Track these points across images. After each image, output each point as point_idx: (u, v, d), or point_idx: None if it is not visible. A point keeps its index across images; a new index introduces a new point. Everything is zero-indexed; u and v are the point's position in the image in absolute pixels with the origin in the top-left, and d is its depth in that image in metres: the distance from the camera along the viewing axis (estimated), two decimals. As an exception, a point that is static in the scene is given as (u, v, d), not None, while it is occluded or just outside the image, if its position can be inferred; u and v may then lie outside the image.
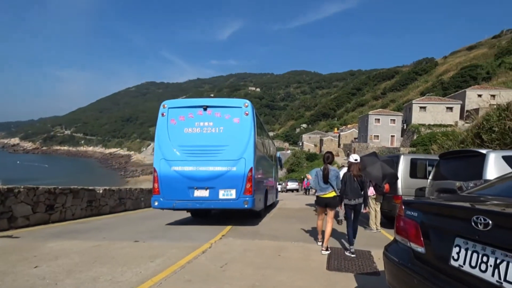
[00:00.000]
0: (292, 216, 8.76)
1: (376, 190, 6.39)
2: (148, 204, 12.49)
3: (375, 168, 6.26)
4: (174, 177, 6.27)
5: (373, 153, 6.81)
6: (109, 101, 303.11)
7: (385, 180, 6.21)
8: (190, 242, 5.04)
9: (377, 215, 6.48)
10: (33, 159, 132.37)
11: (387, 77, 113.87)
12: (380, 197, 6.52)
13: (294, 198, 18.44)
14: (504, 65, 58.27)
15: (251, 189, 6.25)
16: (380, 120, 47.31)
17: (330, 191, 4.69)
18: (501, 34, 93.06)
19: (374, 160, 6.44)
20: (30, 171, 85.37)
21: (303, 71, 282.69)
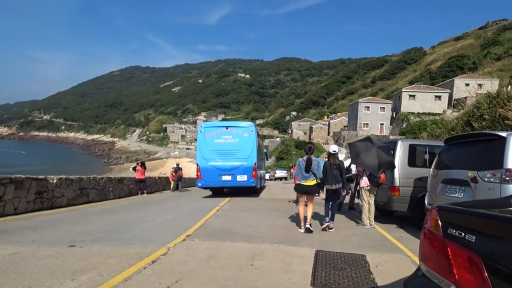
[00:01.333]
0: (276, 208, 7.86)
1: (370, 180, 5.53)
2: (118, 194, 11.39)
3: (370, 155, 5.37)
4: (210, 169, 10.27)
5: (367, 138, 5.90)
6: (91, 85, 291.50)
7: (381, 169, 5.34)
8: (141, 245, 4.04)
9: (371, 209, 5.65)
10: (8, 145, 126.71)
11: (377, 66, 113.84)
12: (375, 188, 5.67)
13: (282, 187, 17.61)
14: (490, 56, 59.30)
15: (256, 175, 10.54)
16: (370, 108, 46.93)
17: (311, 179, 5.12)
18: (487, 25, 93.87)
19: (368, 147, 5.54)
20: (5, 158, 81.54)
21: (294, 58, 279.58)
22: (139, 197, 12.12)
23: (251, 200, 9.87)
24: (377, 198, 5.89)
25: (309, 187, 5.10)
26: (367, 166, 5.39)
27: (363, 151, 5.51)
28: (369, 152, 5.41)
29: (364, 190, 5.65)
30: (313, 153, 5.21)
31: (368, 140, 5.77)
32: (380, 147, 5.53)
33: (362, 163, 5.46)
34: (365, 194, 5.65)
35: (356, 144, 5.79)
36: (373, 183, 5.52)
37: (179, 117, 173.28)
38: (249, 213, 7.00)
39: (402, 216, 6.71)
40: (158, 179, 16.28)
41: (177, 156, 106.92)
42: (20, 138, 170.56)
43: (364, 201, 5.65)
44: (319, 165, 5.19)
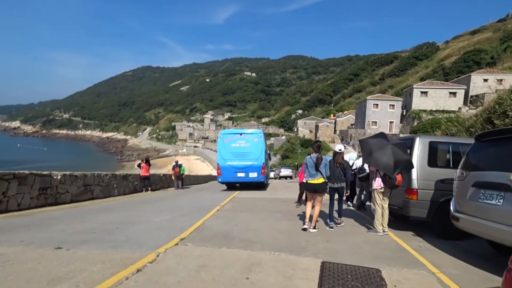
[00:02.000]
0: (278, 210, 7.35)
1: (384, 182, 4.95)
2: (123, 191, 11.07)
3: (385, 153, 4.80)
4: (228, 167, 12.24)
5: (381, 134, 5.31)
6: (106, 85, 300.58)
7: (398, 169, 4.76)
8: (130, 250, 3.61)
9: (385, 214, 5.08)
10: (33, 142, 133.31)
11: (386, 62, 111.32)
12: (389, 191, 5.09)
13: (286, 186, 17.05)
14: (510, 50, 55.66)
15: (264, 173, 12.65)
16: (378, 105, 45.72)
17: (319, 177, 5.06)
18: (507, 17, 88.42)
19: (382, 144, 4.97)
20: (29, 154, 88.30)
21: (300, 56, 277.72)
22: (143, 194, 11.78)
23: (253, 200, 9.39)
24: (391, 202, 5.31)
25: (318, 185, 5.05)
26: (381, 166, 4.83)
27: (376, 149, 4.95)
28: (383, 150, 4.85)
29: (377, 193, 5.08)
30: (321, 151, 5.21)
31: (382, 137, 5.19)
32: (396, 145, 4.95)
33: (376, 162, 4.89)
34: (378, 197, 5.08)
35: (368, 140, 5.22)
36: (387, 185, 4.95)
37: (187, 115, 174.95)
38: (250, 215, 6.51)
39: (419, 222, 6.13)
40: (163, 176, 15.96)
41: (185, 154, 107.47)
42: (43, 136, 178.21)
43: (377, 204, 5.08)
44: (326, 163, 5.17)
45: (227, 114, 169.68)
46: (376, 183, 5.04)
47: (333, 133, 56.55)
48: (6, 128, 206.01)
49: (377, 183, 5.04)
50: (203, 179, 28.96)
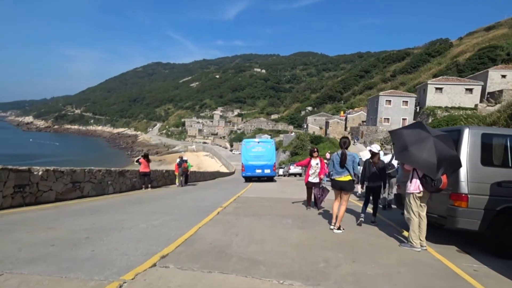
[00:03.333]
0: (288, 213, 6.38)
1: (424, 184, 3.91)
2: (119, 189, 10.31)
3: (424, 148, 3.76)
4: (249, 165, 16.55)
5: (419, 123, 4.24)
6: (117, 81, 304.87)
7: (442, 168, 3.71)
8: (85, 275, 2.69)
9: (422, 224, 4.05)
10: (45, 137, 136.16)
11: (397, 59, 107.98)
12: (428, 195, 4.06)
13: (296, 184, 16.03)
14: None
15: (275, 170, 18.09)
16: (391, 101, 43.88)
17: (346, 175, 4.85)
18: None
19: (421, 136, 3.92)
20: (41, 149, 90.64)
21: (310, 53, 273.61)
22: (142, 191, 11.01)
23: (259, 200, 8.45)
24: (430, 209, 4.27)
25: (344, 183, 4.87)
26: (420, 164, 3.80)
27: (413, 142, 3.90)
28: (423, 144, 3.81)
29: (413, 198, 4.05)
30: (347, 148, 4.96)
31: (420, 127, 4.10)
32: (439, 137, 3.88)
33: (413, 160, 3.86)
34: (414, 203, 4.04)
35: (402, 132, 4.16)
36: (428, 188, 3.90)
37: (197, 111, 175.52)
38: (254, 220, 5.57)
39: (461, 232, 5.04)
40: (166, 172, 15.17)
41: (194, 150, 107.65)
42: (55, 131, 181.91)
43: (413, 212, 4.05)
44: (354, 160, 4.89)
45: (237, 111, 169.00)
46: (413, 186, 4.01)
47: (344, 130, 54.94)
48: (20, 123, 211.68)
49: (414, 185, 4.00)
50: (210, 176, 28.21)
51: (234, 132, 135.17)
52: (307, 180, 6.98)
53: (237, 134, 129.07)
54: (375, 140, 39.92)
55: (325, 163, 7.40)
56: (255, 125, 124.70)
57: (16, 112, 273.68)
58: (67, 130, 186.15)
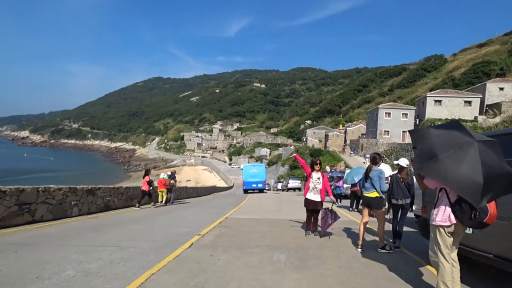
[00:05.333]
0: (282, 243, 5.03)
1: (458, 214, 2.64)
2: (87, 210, 8.89)
3: (464, 159, 2.49)
4: (248, 182, 25.87)
5: (455, 123, 2.89)
6: (117, 96, 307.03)
7: (490, 192, 2.45)
8: None
9: (456, 273, 2.72)
10: (40, 152, 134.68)
11: (394, 74, 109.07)
12: (463, 229, 2.76)
13: (294, 200, 14.63)
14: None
15: (265, 184, 28.19)
16: (391, 114, 43.01)
17: (372, 191, 4.66)
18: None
19: (460, 140, 2.60)
20: (34, 164, 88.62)
21: (309, 68, 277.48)
22: (115, 213, 9.62)
23: (250, 222, 7.10)
24: (479, 244, 2.96)
25: (370, 199, 4.70)
26: (456, 183, 2.49)
27: (446, 149, 2.57)
28: (461, 152, 2.52)
29: (440, 234, 2.74)
30: (376, 164, 4.76)
31: (457, 128, 2.77)
32: (487, 143, 2.64)
33: (444, 175, 2.51)
34: (442, 241, 2.73)
35: (430, 132, 2.78)
36: (465, 221, 2.62)
37: (196, 125, 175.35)
38: (236, 256, 4.23)
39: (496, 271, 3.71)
40: (152, 189, 13.69)
41: (192, 164, 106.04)
42: (50, 145, 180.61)
43: (442, 255, 2.73)
44: (380, 176, 4.59)
45: (236, 125, 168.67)
46: (441, 215, 2.72)
47: (343, 143, 53.81)
48: (15, 138, 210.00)
49: (442, 214, 2.72)
50: (204, 191, 26.62)
51: (233, 145, 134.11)
52: (306, 196, 5.66)
53: (236, 147, 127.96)
54: (377, 154, 38.68)
55: (328, 178, 6.22)
56: (255, 138, 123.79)
57: (12, 126, 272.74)
58: (63, 144, 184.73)
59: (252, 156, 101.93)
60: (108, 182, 44.35)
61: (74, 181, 46.47)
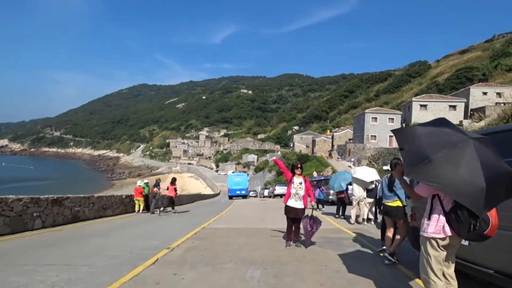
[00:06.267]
0: (258, 257, 4.49)
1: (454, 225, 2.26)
2: (52, 221, 8.03)
3: (461, 159, 2.12)
4: (233, 189, 29.87)
5: (442, 119, 2.50)
6: (101, 103, 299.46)
7: (494, 198, 2.08)
8: None
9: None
10: (19, 161, 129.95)
11: (380, 80, 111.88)
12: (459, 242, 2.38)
13: (280, 207, 14.10)
14: (501, 67, 57.33)
15: (248, 191, 32.36)
16: (377, 118, 43.62)
17: (394, 200, 4.46)
18: (493, 38, 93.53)
19: (453, 138, 2.22)
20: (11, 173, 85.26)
21: (296, 74, 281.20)
22: (89, 223, 8.80)
23: (227, 233, 6.54)
24: (478, 258, 2.56)
25: (391, 208, 4.45)
26: (456, 189, 2.11)
27: (439, 148, 2.18)
28: (456, 152, 2.14)
29: (432, 247, 2.34)
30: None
31: (445, 124, 2.42)
32: (481, 141, 2.27)
33: (441, 180, 2.10)
34: (434, 256, 2.33)
35: (416, 131, 2.41)
36: (462, 232, 2.21)
37: (182, 132, 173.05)
38: (204, 273, 3.68)
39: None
40: (126, 198, 12.85)
41: (178, 171, 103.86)
42: (31, 154, 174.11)
43: (433, 273, 2.32)
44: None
45: (223, 131, 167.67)
46: (433, 226, 2.32)
47: (331, 148, 54.13)
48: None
49: (434, 225, 2.32)
50: (187, 199, 25.67)
51: (220, 152, 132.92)
52: (287, 203, 5.14)
53: (223, 154, 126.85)
54: (363, 158, 38.98)
55: (312, 184, 5.77)
56: (242, 145, 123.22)
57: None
58: (44, 153, 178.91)
59: (239, 162, 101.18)
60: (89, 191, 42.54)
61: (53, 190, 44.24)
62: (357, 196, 8.19)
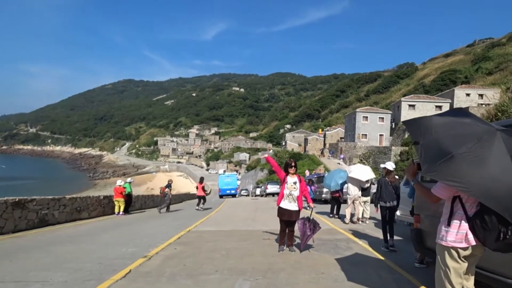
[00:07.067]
0: (248, 265, 4.04)
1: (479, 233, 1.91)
2: (13, 226, 7.28)
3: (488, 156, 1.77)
4: (223, 189, 30.29)
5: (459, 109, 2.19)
6: (82, 98, 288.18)
7: None
8: None
9: None
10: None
11: (370, 80, 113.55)
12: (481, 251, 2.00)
13: (272, 207, 13.68)
14: (481, 70, 60.14)
15: (237, 191, 32.37)
16: (368, 118, 43.95)
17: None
18: (474, 43, 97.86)
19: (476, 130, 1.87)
20: None
21: (288, 73, 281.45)
22: (58, 228, 8.14)
23: (216, 236, 6.08)
24: (497, 267, 2.21)
25: None
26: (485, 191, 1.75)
27: (460, 143, 1.82)
28: (484, 146, 1.79)
29: (452, 258, 1.98)
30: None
31: (467, 116, 2.02)
32: (507, 132, 1.90)
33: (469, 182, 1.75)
34: (454, 268, 1.96)
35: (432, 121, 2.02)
36: (490, 242, 1.84)
37: (171, 130, 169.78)
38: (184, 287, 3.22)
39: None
40: (104, 199, 11.94)
41: (167, 170, 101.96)
42: (2, 152, 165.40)
43: (450, 285, 1.96)
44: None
45: (214, 129, 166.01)
46: (454, 234, 1.96)
47: (323, 147, 54.23)
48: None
49: (456, 233, 1.95)
50: (176, 199, 24.96)
51: (211, 150, 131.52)
52: (280, 204, 4.71)
53: (214, 152, 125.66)
54: (354, 156, 39.12)
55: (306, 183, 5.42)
56: (233, 143, 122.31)
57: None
58: (18, 151, 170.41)
59: (231, 161, 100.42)
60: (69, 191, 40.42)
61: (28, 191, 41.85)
62: (352, 195, 7.90)
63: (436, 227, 2.15)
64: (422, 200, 3.45)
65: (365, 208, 8.16)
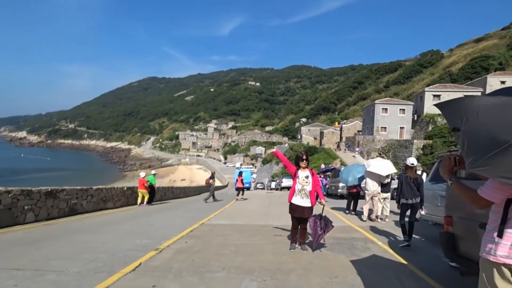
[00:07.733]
0: (256, 264, 3.83)
1: None
2: (46, 215, 7.59)
3: None
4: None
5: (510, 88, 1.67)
6: (112, 96, 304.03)
7: None
8: None
9: None
10: (37, 152, 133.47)
11: (390, 70, 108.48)
12: None
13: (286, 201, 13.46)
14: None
15: (251, 185, 32.86)
16: (388, 110, 42.03)
17: None
18: (511, 25, 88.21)
19: None
20: (31, 164, 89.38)
21: (303, 66, 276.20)
22: (85, 217, 8.38)
23: (228, 230, 5.93)
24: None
25: None
26: None
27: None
28: None
29: (500, 274, 1.56)
30: None
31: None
32: None
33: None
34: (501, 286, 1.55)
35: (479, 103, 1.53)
36: None
37: (191, 124, 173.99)
38: (188, 285, 3.07)
39: None
40: (128, 190, 12.39)
41: (187, 163, 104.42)
42: (47, 146, 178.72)
43: None
44: None
45: (231, 123, 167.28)
46: (508, 248, 1.55)
47: (339, 140, 52.91)
48: (13, 138, 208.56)
49: (510, 246, 1.54)
50: (194, 191, 25.35)
51: (228, 144, 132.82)
52: (291, 200, 4.45)
53: (231, 146, 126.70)
54: (373, 150, 37.81)
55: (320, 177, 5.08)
56: (250, 137, 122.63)
57: (10, 127, 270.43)
58: (60, 145, 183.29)
59: (247, 154, 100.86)
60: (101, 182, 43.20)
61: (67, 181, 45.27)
62: (371, 191, 7.44)
63: (472, 232, 1.79)
64: (454, 200, 3.02)
65: (384, 205, 7.69)
